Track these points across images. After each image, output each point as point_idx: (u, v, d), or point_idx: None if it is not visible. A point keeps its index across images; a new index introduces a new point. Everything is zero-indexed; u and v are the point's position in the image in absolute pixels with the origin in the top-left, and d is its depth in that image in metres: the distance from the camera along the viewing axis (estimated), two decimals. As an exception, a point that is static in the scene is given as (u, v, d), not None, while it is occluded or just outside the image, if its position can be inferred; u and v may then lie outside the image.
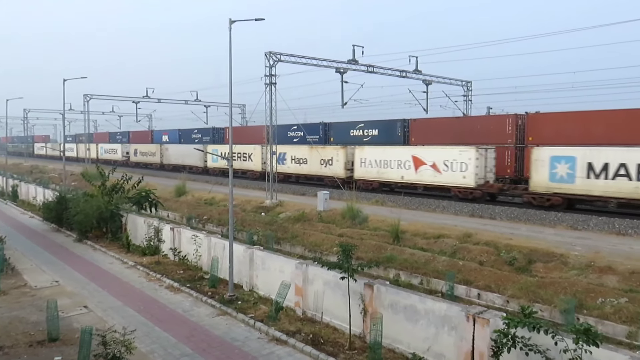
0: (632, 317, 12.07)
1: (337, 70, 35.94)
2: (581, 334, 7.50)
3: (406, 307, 11.23)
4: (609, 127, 25.57)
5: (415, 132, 36.11)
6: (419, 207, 28.51)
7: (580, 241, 18.30)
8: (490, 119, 36.38)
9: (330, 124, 43.98)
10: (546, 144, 27.08)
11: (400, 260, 17.64)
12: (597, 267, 15.07)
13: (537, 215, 24.24)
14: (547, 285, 14.21)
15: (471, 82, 45.44)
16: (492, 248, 17.62)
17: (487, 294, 14.85)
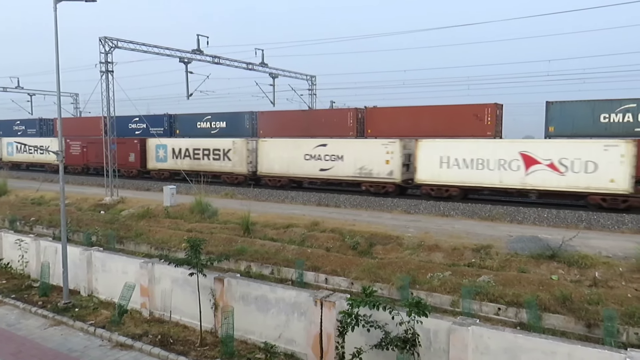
0: (455, 287, 13.74)
1: (182, 60, 34.59)
2: (413, 307, 8.33)
3: (257, 297, 11.34)
4: (434, 120, 28.61)
5: (263, 125, 36.42)
6: (269, 198, 28.93)
7: (413, 224, 20.25)
8: (334, 112, 38.27)
9: (176, 116, 42.24)
10: (382, 136, 29.41)
11: (251, 252, 17.74)
12: (427, 245, 16.82)
13: (376, 202, 26.21)
14: (385, 266, 15.46)
15: (315, 76, 47.19)
16: (338, 234, 18.60)
17: (334, 278, 15.67)
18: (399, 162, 27.58)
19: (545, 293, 12.76)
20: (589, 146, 22.67)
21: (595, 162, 22.15)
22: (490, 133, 26.75)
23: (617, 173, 21.79)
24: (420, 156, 26.64)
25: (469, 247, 16.23)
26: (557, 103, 25.21)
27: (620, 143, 21.82)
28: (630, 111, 23.28)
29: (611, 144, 22.01)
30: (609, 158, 21.89)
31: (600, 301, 12.11)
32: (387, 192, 28.16)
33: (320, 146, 30.60)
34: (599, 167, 22.07)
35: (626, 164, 21.56)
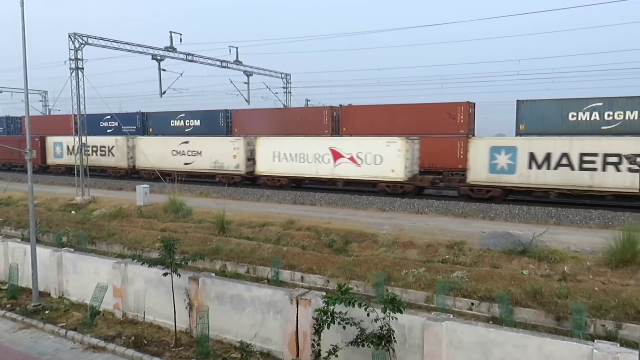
0: (429, 283, 13.91)
1: (154, 57, 34.08)
2: (388, 303, 8.42)
3: (233, 297, 11.29)
4: (408, 119, 28.91)
5: (238, 123, 36.24)
6: (244, 197, 28.76)
7: (388, 221, 20.40)
8: (309, 110, 38.30)
9: (149, 114, 41.65)
10: (358, 134, 29.60)
11: (226, 251, 17.61)
12: (402, 242, 16.97)
13: (351, 199, 26.33)
14: (361, 263, 15.55)
15: (290, 74, 47.13)
16: (314, 232, 18.61)
17: (310, 276, 15.69)
18: (243, 157, 32.69)
19: (517, 288, 13.03)
20: (376, 142, 27.67)
21: (381, 156, 27.00)
22: (463, 131, 27.19)
23: (396, 164, 26.61)
24: (259, 152, 31.79)
25: (443, 243, 16.44)
26: (527, 102, 25.75)
27: (397, 140, 26.57)
28: (596, 110, 23.98)
29: (391, 140, 26.75)
30: (390, 152, 26.69)
31: (569, 295, 12.42)
32: (235, 183, 32.67)
33: (183, 143, 35.47)
34: (384, 159, 26.91)
35: (402, 157, 26.38)
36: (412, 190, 27.12)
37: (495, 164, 23.94)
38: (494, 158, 23.96)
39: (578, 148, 22.31)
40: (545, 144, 23.10)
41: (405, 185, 26.97)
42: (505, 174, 23.82)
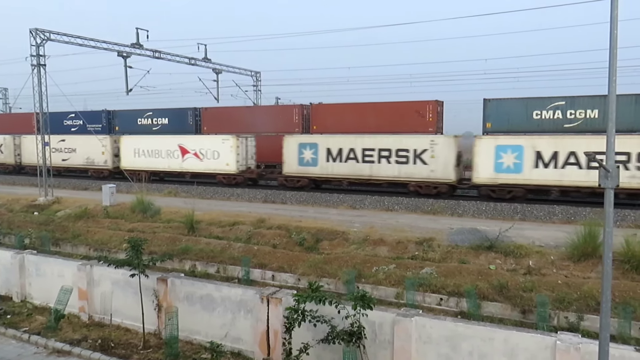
0: (399, 280, 14.06)
1: (120, 54, 33.31)
2: (358, 300, 8.47)
3: (202, 297, 11.16)
4: (378, 117, 29.10)
5: (207, 121, 35.77)
6: (214, 196, 28.48)
7: (358, 219, 20.53)
8: (279, 108, 38.15)
9: (115, 112, 40.68)
10: (329, 132, 29.65)
11: (196, 251, 17.40)
12: (372, 240, 17.10)
13: (322, 197, 26.38)
14: (332, 261, 15.60)
15: (260, 72, 46.84)
16: (284, 231, 18.57)
17: (281, 275, 15.65)
18: (111, 153, 36.09)
19: (484, 282, 13.30)
20: (214, 140, 32.46)
21: (218, 151, 31.89)
22: (432, 129, 27.53)
23: (230, 159, 31.55)
24: (122, 149, 35.58)
25: (413, 240, 16.64)
26: (493, 100, 26.26)
27: (230, 138, 31.65)
28: (559, 108, 24.66)
29: (225, 138, 31.74)
30: (225, 148, 31.62)
31: (534, 288, 12.76)
32: (105, 177, 36.21)
33: (61, 141, 38.41)
34: (220, 154, 31.80)
35: (234, 152, 31.41)
36: (244, 182, 31.88)
37: (303, 157, 29.35)
38: (302, 153, 29.31)
39: (361, 144, 27.82)
40: (338, 141, 28.63)
41: (237, 177, 31.83)
42: (310, 167, 29.15)
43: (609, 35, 6.35)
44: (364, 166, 27.71)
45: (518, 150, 23.99)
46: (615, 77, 6.42)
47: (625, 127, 22.36)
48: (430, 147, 25.98)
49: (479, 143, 24.77)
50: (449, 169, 25.75)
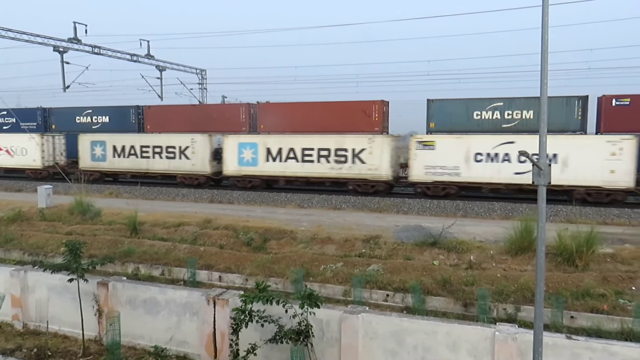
0: (347, 277, 14.22)
1: (56, 49, 31.80)
2: (305, 299, 8.49)
3: (146, 300, 10.84)
4: (325, 116, 29.27)
5: (150, 120, 34.74)
6: (158, 196, 27.73)
7: (306, 217, 20.59)
8: (226, 107, 37.60)
9: (51, 110, 38.74)
10: (276, 132, 29.53)
11: (139, 253, 16.89)
12: (320, 238, 17.19)
13: (270, 197, 26.26)
14: (280, 260, 15.56)
15: (206, 70, 46.06)
16: (231, 231, 18.34)
17: (228, 275, 15.45)
18: None
19: (428, 278, 13.69)
20: (21, 138, 35.42)
21: (27, 148, 35.22)
22: (378, 129, 27.98)
23: (36, 155, 34.98)
24: None
25: (360, 238, 16.87)
26: (436, 101, 27.02)
27: (36, 136, 34.42)
28: (498, 109, 25.73)
29: (32, 136, 34.32)
30: (32, 146, 34.73)
31: (475, 282, 13.26)
32: None
33: None
34: (28, 151, 35.21)
35: (39, 149, 34.62)
36: (49, 176, 34.35)
37: (95, 154, 33.32)
38: (93, 150, 33.25)
39: (139, 142, 32.12)
40: (118, 139, 32.64)
41: (42, 172, 34.99)
42: (100, 162, 33.23)
43: (540, 40, 6.69)
44: (141, 161, 31.65)
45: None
46: (546, 80, 6.77)
47: (558, 127, 23.65)
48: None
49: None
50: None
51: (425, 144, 25.52)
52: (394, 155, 26.88)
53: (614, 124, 23.71)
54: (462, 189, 25.22)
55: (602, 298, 12.20)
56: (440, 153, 25.19)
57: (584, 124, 24.47)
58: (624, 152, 22.11)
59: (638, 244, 15.26)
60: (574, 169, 22.70)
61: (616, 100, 23.79)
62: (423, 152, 25.48)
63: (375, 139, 26.71)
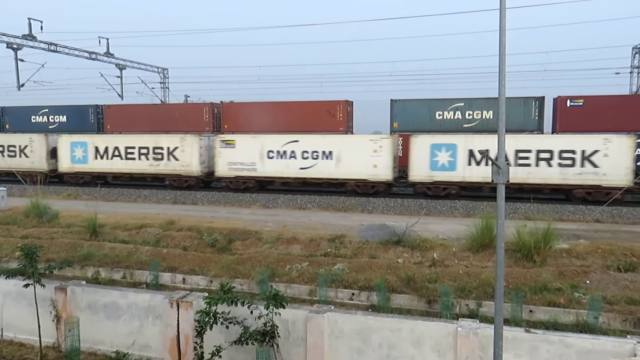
0: (312, 277, 14.25)
1: (10, 46, 30.61)
2: (271, 299, 8.46)
3: (106, 304, 10.57)
4: (290, 116, 29.23)
5: (110, 119, 33.86)
6: (119, 197, 27.08)
7: (271, 217, 20.52)
8: (189, 107, 37.05)
9: (5, 109, 37.27)
10: (241, 132, 29.30)
11: (99, 256, 16.44)
12: (285, 238, 17.16)
13: (235, 197, 26.03)
14: (245, 261, 15.45)
15: (167, 69, 45.25)
16: (195, 232, 18.09)
17: (192, 277, 15.23)
18: None
19: (393, 276, 13.86)
20: None
21: None
22: (343, 129, 28.17)
23: None
24: None
25: (325, 237, 16.93)
26: (399, 101, 27.40)
27: None
28: (459, 109, 26.34)
29: None
30: None
31: (438, 279, 13.52)
32: None
33: None
34: None
35: None
36: None
37: None
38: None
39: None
40: None
41: None
42: None
43: (498, 42, 6.87)
44: None
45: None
46: (504, 82, 6.96)
47: (516, 127, 24.38)
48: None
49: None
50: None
51: (227, 143, 27.68)
52: (204, 154, 28.66)
53: (568, 124, 24.61)
54: (259, 182, 27.59)
55: (559, 292, 12.65)
56: (240, 151, 27.23)
57: (540, 124, 25.33)
58: (384, 149, 24.88)
59: (592, 239, 15.89)
60: (346, 164, 25.65)
61: (570, 101, 24.71)
62: (226, 150, 27.56)
63: (186, 138, 28.68)
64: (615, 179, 22.06)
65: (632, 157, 22.00)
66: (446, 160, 24.22)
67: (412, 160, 24.58)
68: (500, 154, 7.03)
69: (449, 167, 24.23)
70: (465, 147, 23.86)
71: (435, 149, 24.30)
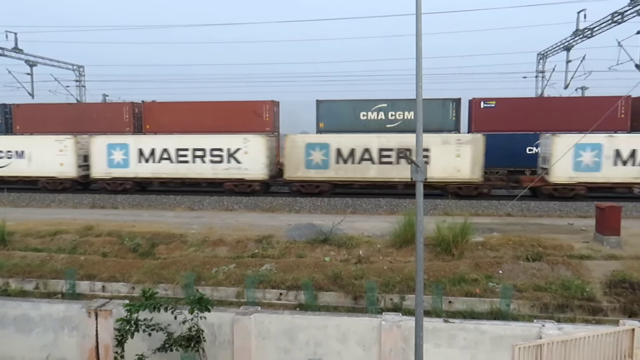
0: (240, 279, 14.13)
1: None
2: (195, 303, 8.31)
3: (17, 317, 9.89)
4: (217, 116, 28.69)
5: (20, 119, 31.54)
6: (31, 203, 25.30)
7: (197, 220, 20.06)
8: (108, 106, 35.31)
9: None
10: (163, 132, 28.38)
11: (8, 266, 15.33)
12: (212, 241, 16.86)
13: (158, 200, 25.16)
14: (169, 265, 15.02)
15: (83, 66, 42.91)
16: (116, 237, 17.32)
17: (113, 285, 14.61)
18: None
19: (320, 274, 14.05)
20: None
21: None
22: (269, 129, 28.08)
23: None
24: None
25: (252, 238, 16.82)
26: (325, 102, 27.75)
27: None
28: (382, 110, 27.14)
29: None
30: None
31: (364, 275, 13.87)
32: None
33: None
34: None
35: None
36: None
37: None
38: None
39: None
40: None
41: None
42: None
43: (415, 46, 7.18)
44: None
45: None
46: (421, 83, 7.28)
47: (435, 127, 25.47)
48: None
49: None
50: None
51: None
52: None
53: (482, 124, 26.09)
54: None
55: (475, 282, 13.42)
56: None
57: (458, 124, 26.64)
58: (68, 149, 27.15)
59: (504, 232, 16.97)
60: (37, 163, 27.42)
61: (484, 103, 26.22)
62: None
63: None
64: (254, 173, 25.73)
65: (266, 154, 25.57)
66: (121, 158, 27.03)
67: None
68: (418, 153, 7.34)
69: (123, 164, 27.04)
70: (136, 146, 26.76)
71: (111, 148, 27.08)
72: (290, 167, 25.45)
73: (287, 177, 25.66)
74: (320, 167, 25.09)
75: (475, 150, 23.57)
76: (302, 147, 25.19)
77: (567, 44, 31.67)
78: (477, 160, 23.64)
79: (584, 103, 26.96)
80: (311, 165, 25.14)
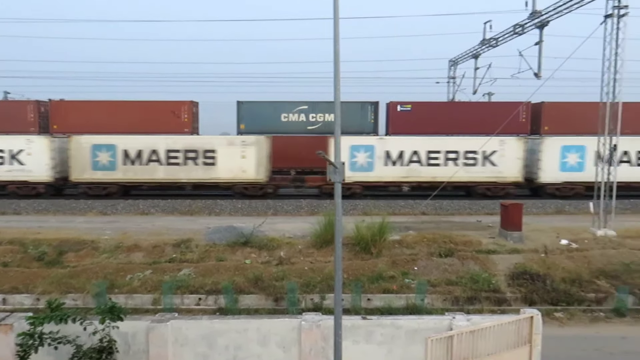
0: (156, 285, 13.64)
1: None
2: (106, 313, 7.88)
3: None
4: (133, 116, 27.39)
5: None
6: None
7: (110, 225, 19.10)
8: (10, 104, 32.64)
9: None
10: (74, 132, 26.67)
11: None
12: (126, 246, 16.14)
13: (67, 204, 23.65)
14: (79, 274, 14.20)
15: (-19, 60, 39.36)
16: (18, 245, 16.11)
17: (15, 297, 13.60)
18: None
19: (241, 277, 13.92)
20: None
21: None
22: (188, 129, 27.33)
23: None
24: None
25: (170, 242, 16.32)
26: (246, 103, 27.53)
27: None
28: (303, 112, 27.40)
29: None
30: None
31: (285, 277, 13.92)
32: None
33: None
34: None
35: None
36: None
37: None
38: None
39: None
40: None
41: None
42: None
43: (333, 50, 7.31)
44: None
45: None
46: (339, 86, 7.44)
47: (355, 129, 26.12)
48: None
49: None
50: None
51: None
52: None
53: (399, 127, 27.09)
54: None
55: (392, 279, 13.91)
56: None
57: (376, 127, 27.48)
58: None
59: (419, 230, 17.73)
60: None
61: (400, 107, 27.22)
62: None
63: None
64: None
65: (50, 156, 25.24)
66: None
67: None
68: (337, 154, 7.47)
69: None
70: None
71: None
72: (76, 169, 25.11)
73: (74, 179, 25.30)
74: (108, 168, 25.14)
75: (259, 152, 24.77)
76: (88, 148, 25.10)
77: (475, 52, 33.61)
78: (261, 161, 24.85)
79: (490, 108, 28.86)
80: (98, 167, 25.08)
